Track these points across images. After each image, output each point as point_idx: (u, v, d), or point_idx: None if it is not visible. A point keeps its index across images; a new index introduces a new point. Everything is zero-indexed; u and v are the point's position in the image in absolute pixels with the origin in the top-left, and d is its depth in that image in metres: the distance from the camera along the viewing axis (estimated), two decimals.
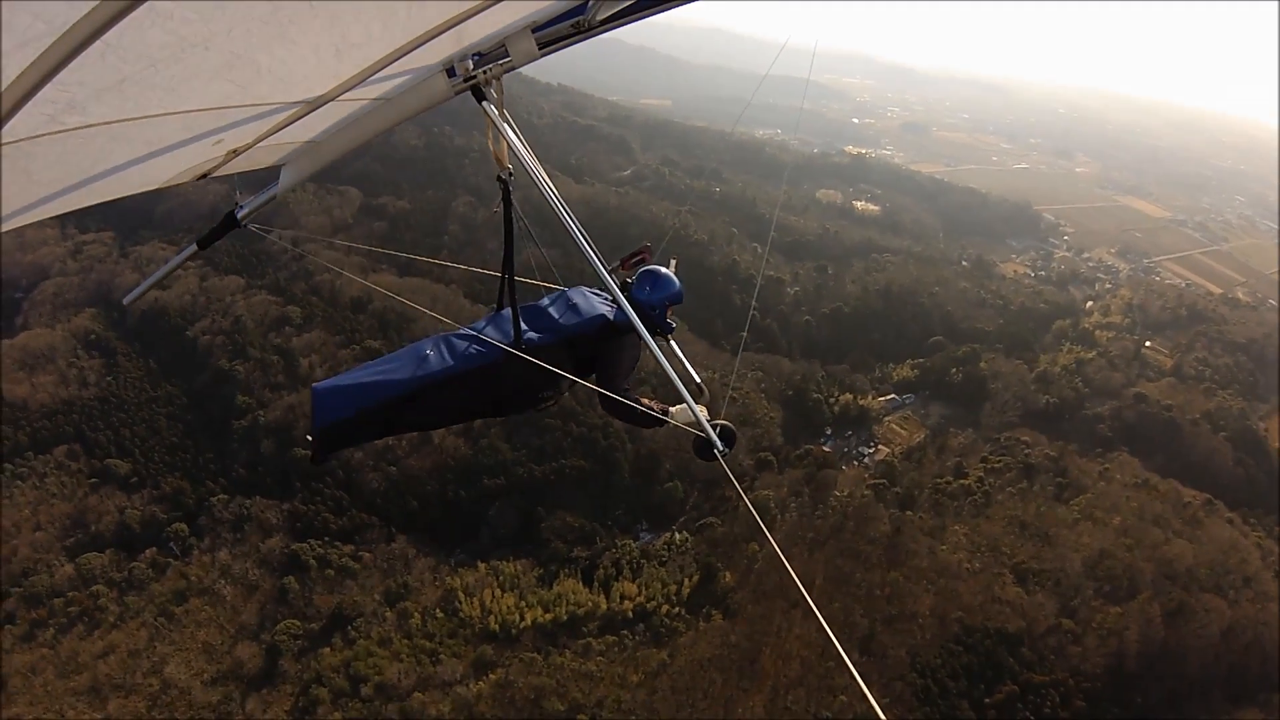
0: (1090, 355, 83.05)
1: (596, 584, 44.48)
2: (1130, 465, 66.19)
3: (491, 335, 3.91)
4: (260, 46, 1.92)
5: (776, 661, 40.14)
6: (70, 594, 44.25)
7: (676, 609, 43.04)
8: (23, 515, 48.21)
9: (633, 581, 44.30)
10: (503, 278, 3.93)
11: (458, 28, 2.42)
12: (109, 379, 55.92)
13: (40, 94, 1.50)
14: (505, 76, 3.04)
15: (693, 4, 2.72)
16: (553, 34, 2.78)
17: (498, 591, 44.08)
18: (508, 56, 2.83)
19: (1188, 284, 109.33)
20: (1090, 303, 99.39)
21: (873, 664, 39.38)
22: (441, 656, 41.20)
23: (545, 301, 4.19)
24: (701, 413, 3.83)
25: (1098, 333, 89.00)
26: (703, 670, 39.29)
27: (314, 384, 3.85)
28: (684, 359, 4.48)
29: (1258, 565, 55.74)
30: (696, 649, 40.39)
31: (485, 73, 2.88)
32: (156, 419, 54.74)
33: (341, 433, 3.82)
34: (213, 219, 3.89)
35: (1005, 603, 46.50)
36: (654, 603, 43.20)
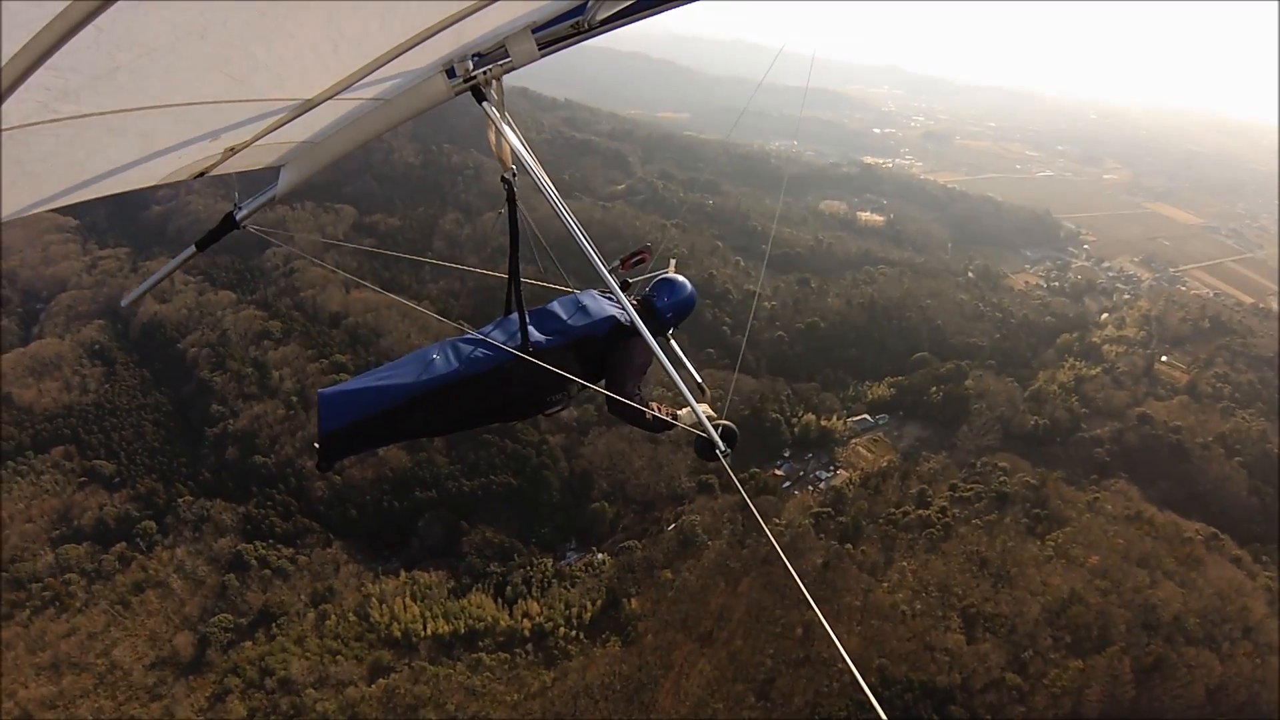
0: (1094, 372, 72.77)
1: (503, 600, 41.25)
2: (1126, 495, 57.09)
3: (498, 339, 3.55)
4: (257, 38, 1.80)
5: (670, 697, 35.54)
6: (47, 580, 45.52)
7: (575, 632, 39.23)
8: (17, 508, 49.79)
9: (538, 601, 40.75)
10: (509, 280, 3.45)
11: (456, 27, 2.26)
12: (107, 386, 56.99)
13: (33, 79, 1.40)
14: (511, 86, 2.40)
15: (692, 4, 2.49)
16: (552, 34, 2.57)
17: (409, 600, 41.70)
18: (508, 57, 2.61)
19: (1216, 294, 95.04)
20: (1105, 315, 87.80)
21: (766, 710, 34.01)
22: (341, 658, 39.68)
23: (555, 304, 3.83)
24: (704, 412, 3.50)
25: (1106, 347, 78.13)
26: (585, 697, 35.28)
27: (320, 390, 3.51)
28: (686, 360, 4.22)
29: (1262, 613, 46.23)
30: (585, 675, 36.40)
31: (485, 73, 2.65)
32: (143, 424, 55.39)
33: (347, 439, 3.45)
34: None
35: (942, 651, 39.77)
36: (552, 623, 39.57)
